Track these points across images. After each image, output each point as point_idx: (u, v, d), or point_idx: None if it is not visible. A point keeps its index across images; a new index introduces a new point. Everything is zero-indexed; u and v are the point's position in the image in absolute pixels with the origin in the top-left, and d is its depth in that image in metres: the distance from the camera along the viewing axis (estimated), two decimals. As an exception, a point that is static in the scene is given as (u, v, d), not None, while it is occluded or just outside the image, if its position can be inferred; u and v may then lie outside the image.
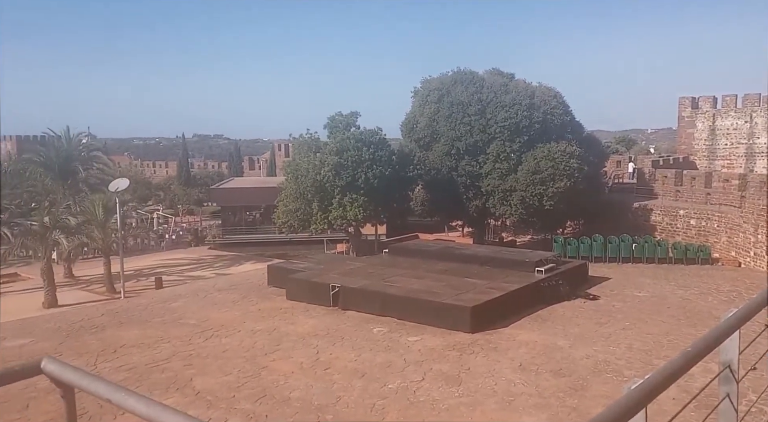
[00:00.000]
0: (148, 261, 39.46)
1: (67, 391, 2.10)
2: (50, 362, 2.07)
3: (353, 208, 27.65)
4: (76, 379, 2.02)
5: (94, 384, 1.97)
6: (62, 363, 2.08)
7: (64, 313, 22.04)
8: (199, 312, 19.49)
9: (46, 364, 2.06)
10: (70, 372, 2.04)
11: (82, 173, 38.74)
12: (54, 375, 2.05)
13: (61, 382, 2.06)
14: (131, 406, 1.84)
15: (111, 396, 1.89)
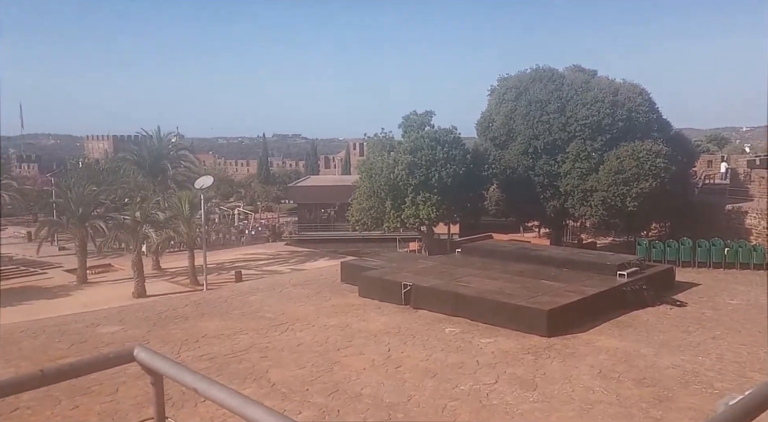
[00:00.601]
0: (229, 256, 41.11)
1: (156, 378, 2.19)
2: (142, 350, 2.17)
3: (426, 207, 27.55)
4: (165, 367, 2.09)
5: (181, 373, 2.04)
6: (153, 352, 2.15)
7: (152, 303, 23.32)
8: (275, 305, 20.04)
9: (138, 352, 2.16)
10: (160, 361, 2.12)
11: (171, 171, 40.90)
12: (145, 363, 2.15)
13: (151, 370, 2.15)
14: (214, 395, 1.89)
15: (197, 385, 1.95)
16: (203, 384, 1.97)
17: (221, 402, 1.88)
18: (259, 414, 1.79)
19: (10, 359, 14.77)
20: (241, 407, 1.83)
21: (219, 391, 1.91)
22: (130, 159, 41.52)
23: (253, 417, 1.80)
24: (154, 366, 2.15)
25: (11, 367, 14.17)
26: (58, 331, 17.39)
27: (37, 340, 16.44)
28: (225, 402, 1.87)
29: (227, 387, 1.93)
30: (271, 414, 1.78)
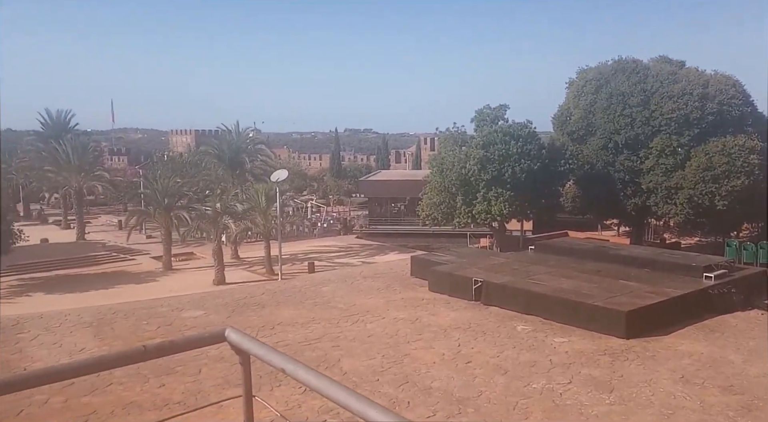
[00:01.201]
0: (302, 247, 42.17)
1: (245, 358, 2.32)
2: (232, 332, 2.30)
3: (498, 203, 27.11)
4: (254, 348, 2.20)
5: (269, 354, 2.14)
6: (242, 334, 2.28)
7: (231, 290, 24.32)
8: (346, 297, 20.41)
9: (229, 333, 2.29)
10: (249, 342, 2.24)
11: (249, 164, 42.42)
12: (235, 344, 2.28)
13: (240, 350, 2.28)
14: (301, 376, 1.97)
15: (284, 366, 2.04)
16: (291, 365, 2.06)
17: (307, 383, 1.96)
18: (343, 395, 1.85)
19: (104, 338, 15.89)
20: (326, 388, 1.91)
21: (305, 372, 1.99)
22: (211, 152, 43.40)
23: (337, 398, 1.87)
24: (243, 347, 2.27)
25: (105, 346, 15.25)
26: (147, 314, 18.51)
27: (128, 322, 17.58)
28: (310, 382, 1.95)
29: (313, 369, 2.01)
30: (352, 396, 1.83)
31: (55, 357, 14.28)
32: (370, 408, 1.73)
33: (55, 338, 15.92)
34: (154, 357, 2.28)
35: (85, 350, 14.81)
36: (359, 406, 1.77)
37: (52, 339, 15.78)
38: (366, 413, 1.73)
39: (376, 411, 1.71)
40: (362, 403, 1.76)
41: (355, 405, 1.79)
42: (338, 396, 1.85)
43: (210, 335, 2.33)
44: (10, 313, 21.37)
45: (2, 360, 13.98)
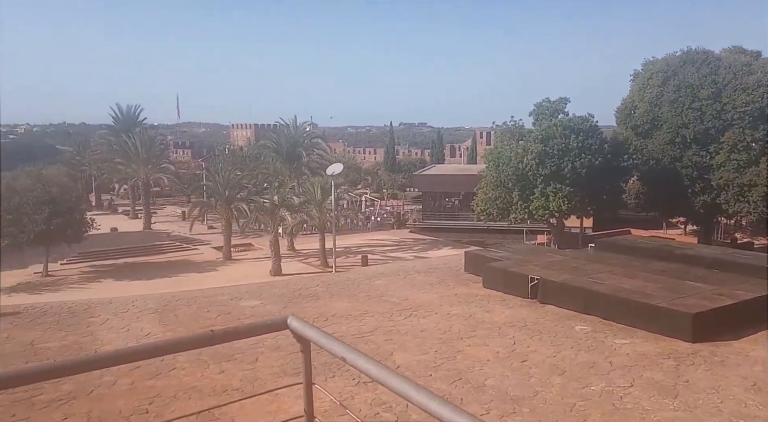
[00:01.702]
0: (356, 240, 42.54)
1: (305, 346, 2.35)
2: (294, 320, 2.34)
3: (557, 199, 26.46)
4: (316, 337, 2.22)
5: (330, 343, 2.15)
6: (304, 322, 2.30)
7: (287, 281, 24.84)
8: (399, 291, 20.44)
9: (291, 321, 2.33)
10: (310, 331, 2.26)
11: (305, 158, 43.10)
12: (297, 332, 2.31)
13: (302, 338, 2.31)
14: (362, 366, 1.97)
15: (345, 355, 2.05)
16: (351, 354, 2.07)
17: (367, 372, 1.96)
18: (404, 386, 1.85)
19: (168, 324, 16.55)
20: (386, 378, 1.92)
21: (366, 362, 2.00)
22: (270, 146, 44.35)
23: (398, 389, 1.87)
24: (305, 335, 2.29)
25: (169, 331, 15.88)
26: (207, 302, 19.16)
27: (189, 309, 18.24)
28: (371, 372, 1.96)
29: (373, 359, 2.00)
30: (413, 387, 1.83)
31: (123, 340, 14.99)
32: (430, 400, 1.73)
33: (123, 323, 16.71)
34: (221, 342, 2.35)
35: (150, 335, 15.46)
36: (420, 398, 1.77)
37: (120, 324, 16.58)
38: (427, 405, 1.74)
39: (436, 403, 1.70)
40: (422, 395, 1.76)
41: (416, 397, 1.80)
42: (399, 386, 1.86)
43: (273, 322, 2.38)
44: (82, 298, 22.61)
45: (75, 342, 14.80)
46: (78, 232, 31.70)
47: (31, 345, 14.47)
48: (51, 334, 15.49)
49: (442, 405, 1.70)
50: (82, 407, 9.99)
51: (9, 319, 17.33)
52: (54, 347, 14.39)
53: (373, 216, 52.35)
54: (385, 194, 65.61)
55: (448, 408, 1.68)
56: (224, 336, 2.33)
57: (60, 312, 18.05)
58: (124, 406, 10.13)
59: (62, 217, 30.16)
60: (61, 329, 16.02)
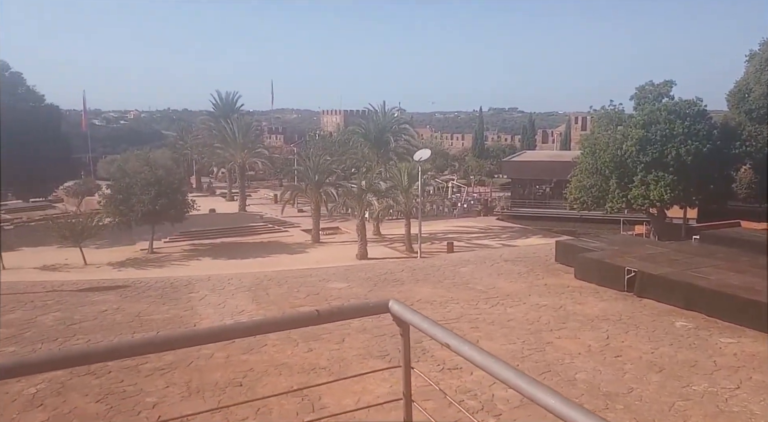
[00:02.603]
0: (441, 227, 42.31)
1: (405, 330, 2.33)
2: (395, 304, 2.33)
3: (658, 188, 24.89)
4: (417, 321, 2.19)
5: (432, 328, 2.11)
6: (405, 307, 2.27)
7: (373, 265, 25.16)
8: (485, 279, 20.13)
9: (392, 305, 2.32)
10: (411, 315, 2.23)
11: (393, 143, 43.26)
12: (398, 315, 2.30)
13: (402, 322, 2.29)
14: (467, 353, 1.91)
15: (448, 341, 2.00)
16: (454, 340, 2.02)
17: (472, 360, 1.91)
18: (511, 375, 1.79)
19: (260, 302, 17.29)
20: (492, 366, 1.88)
21: (470, 349, 1.94)
22: (359, 132, 44.92)
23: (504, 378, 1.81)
24: (406, 319, 2.27)
25: (261, 309, 16.58)
26: (297, 283, 19.82)
27: (281, 289, 18.95)
28: (475, 360, 1.90)
29: (477, 346, 1.92)
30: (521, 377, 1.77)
31: (219, 316, 15.84)
32: (538, 390, 1.65)
33: (220, 299, 17.65)
34: (325, 322, 2.39)
35: (244, 312, 16.22)
36: (529, 388, 1.71)
37: (217, 300, 17.52)
38: (534, 395, 1.67)
39: (544, 394, 1.62)
40: (532, 385, 1.70)
41: (525, 387, 1.73)
42: (506, 375, 1.80)
43: (375, 305, 2.40)
44: (183, 274, 24.12)
45: (177, 316, 15.81)
46: (180, 212, 33.76)
47: (138, 317, 15.63)
48: (155, 307, 16.65)
49: (551, 395, 1.60)
50: (182, 377, 10.65)
51: (119, 292, 18.82)
52: (158, 319, 15.45)
53: (460, 202, 51.82)
54: (473, 180, 64.67)
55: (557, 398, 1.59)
56: (329, 316, 2.37)
57: (164, 287, 19.36)
58: (220, 378, 10.69)
59: (167, 198, 32.22)
60: (165, 303, 17.17)
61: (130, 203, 31.69)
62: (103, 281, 21.30)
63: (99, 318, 15.43)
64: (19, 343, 13.33)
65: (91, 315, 15.78)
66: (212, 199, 56.99)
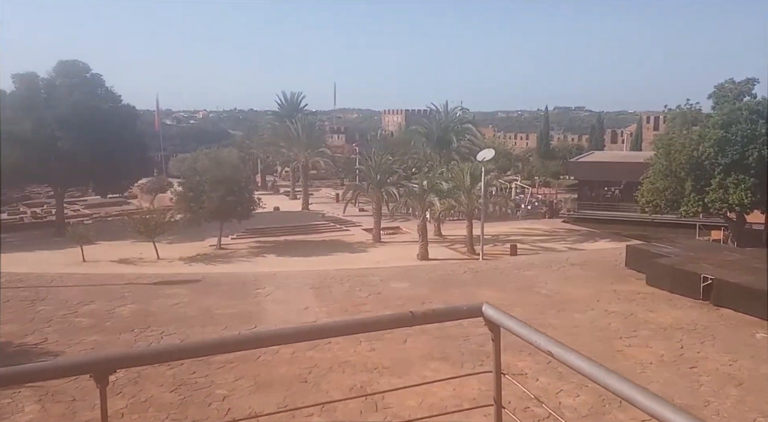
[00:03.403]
0: (504, 228, 41.58)
1: (497, 336, 2.30)
2: (489, 308, 2.29)
3: (738, 191, 23.51)
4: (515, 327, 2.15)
5: (533, 335, 2.06)
6: (501, 311, 2.24)
7: (434, 266, 25.06)
8: (551, 283, 19.63)
9: (486, 309, 2.28)
10: (508, 320, 2.20)
11: (455, 143, 42.87)
12: (491, 319, 2.26)
13: (495, 326, 2.25)
14: (572, 362, 1.84)
15: (551, 348, 1.94)
16: (558, 348, 1.95)
17: (579, 370, 1.84)
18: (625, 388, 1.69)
19: (323, 299, 17.57)
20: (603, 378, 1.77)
21: (577, 358, 1.86)
22: (420, 131, 44.77)
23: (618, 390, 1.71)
24: (500, 324, 2.24)
25: (324, 306, 16.84)
26: (359, 282, 20.00)
27: (343, 287, 19.18)
28: (583, 369, 1.82)
29: (582, 354, 1.85)
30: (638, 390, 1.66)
31: (284, 312, 16.20)
32: (660, 406, 1.52)
33: (285, 296, 18.05)
34: (419, 324, 2.39)
35: (309, 309, 16.52)
36: (649, 403, 1.56)
37: (282, 297, 17.93)
38: (655, 411, 1.53)
39: (669, 411, 1.50)
40: (652, 400, 1.54)
41: (642, 401, 1.59)
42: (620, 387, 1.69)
43: (468, 308, 2.37)
44: (249, 271, 24.84)
45: (245, 311, 16.29)
46: (247, 210, 34.75)
47: (207, 310, 16.21)
48: (224, 302, 17.23)
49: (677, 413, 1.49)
50: (250, 370, 10.97)
51: (190, 286, 19.60)
52: (226, 314, 15.97)
53: (524, 204, 50.75)
54: (537, 181, 63.19)
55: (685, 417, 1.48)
56: (423, 318, 2.37)
57: (231, 283, 20.01)
58: (286, 373, 10.93)
59: (234, 196, 33.25)
60: (232, 298, 17.74)
61: (200, 200, 32.91)
62: (175, 275, 22.26)
63: (172, 311, 16.12)
64: (100, 333, 14.12)
65: (164, 307, 16.51)
66: (276, 197, 58.34)
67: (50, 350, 12.96)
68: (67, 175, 40.44)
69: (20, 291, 18.61)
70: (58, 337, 13.79)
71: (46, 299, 17.52)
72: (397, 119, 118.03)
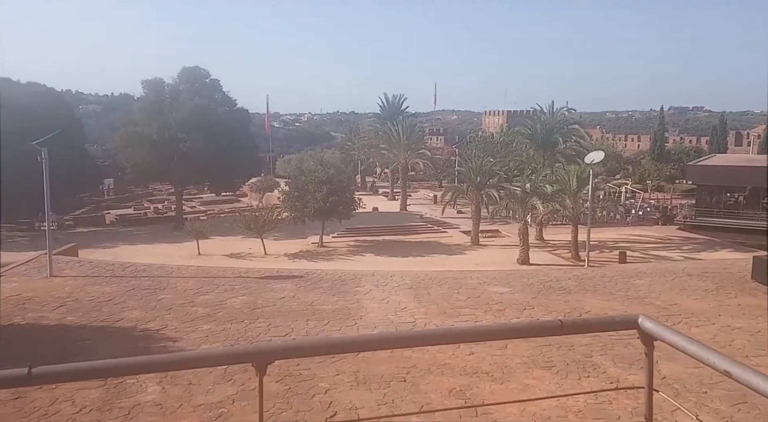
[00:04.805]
0: (612, 234, 39.54)
1: (651, 349, 2.18)
2: (646, 320, 2.19)
3: None
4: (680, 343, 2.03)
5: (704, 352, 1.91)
6: (659, 324, 2.12)
7: (535, 271, 24.30)
8: (665, 294, 18.35)
9: (642, 321, 2.18)
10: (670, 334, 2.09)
11: (561, 145, 41.40)
12: (648, 332, 2.16)
13: (650, 339, 2.13)
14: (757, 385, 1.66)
15: (730, 368, 1.78)
16: (738, 369, 1.75)
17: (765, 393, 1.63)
18: None
19: (421, 300, 17.57)
20: None
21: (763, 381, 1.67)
22: (524, 133, 43.72)
23: None
24: (657, 337, 2.11)
25: (422, 307, 16.84)
26: (457, 284, 19.80)
27: (441, 289, 19.08)
28: None
29: None
30: None
31: (383, 311, 16.39)
32: None
33: (383, 295, 18.26)
34: (568, 333, 2.31)
35: (407, 309, 16.59)
36: None
37: (381, 296, 18.15)
38: None
39: None
40: None
41: None
42: None
43: (622, 319, 2.27)
44: (349, 268, 25.45)
45: (345, 307, 16.67)
46: (348, 210, 35.74)
47: (311, 305, 16.77)
48: (326, 298, 17.73)
49: None
50: (351, 366, 11.19)
51: (294, 281, 20.37)
52: (328, 309, 16.43)
53: (634, 209, 48.04)
54: (649, 186, 59.55)
55: None
56: (572, 328, 2.30)
57: (333, 280, 20.56)
58: (385, 371, 11.03)
59: (336, 196, 34.30)
60: (334, 294, 18.21)
61: (305, 199, 34.23)
62: (280, 270, 23.25)
63: (278, 305, 16.84)
64: (213, 322, 15.04)
65: (271, 301, 17.28)
66: (375, 198, 59.37)
67: (170, 336, 13.97)
68: (186, 174, 43.69)
69: (144, 280, 20.27)
70: (176, 325, 14.85)
71: (167, 288, 18.94)
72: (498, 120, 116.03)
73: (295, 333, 14.33)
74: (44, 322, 15.15)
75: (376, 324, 15.19)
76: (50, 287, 18.85)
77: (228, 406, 9.68)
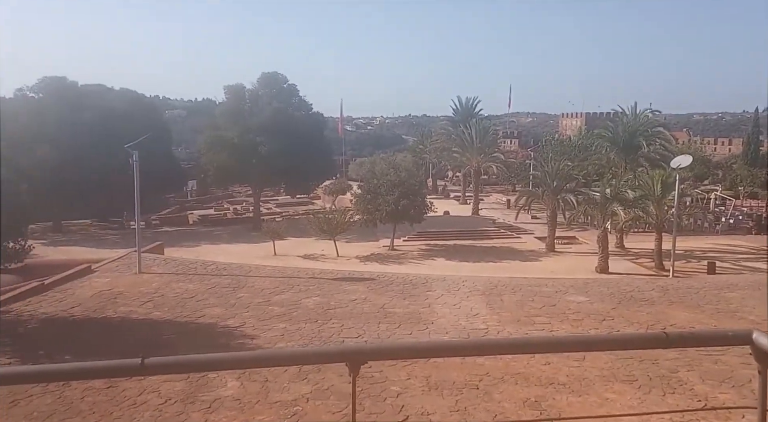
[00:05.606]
0: (700, 243, 37.25)
1: (765, 366, 2.02)
2: (761, 336, 2.03)
3: None
4: None
5: None
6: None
7: (616, 281, 23.28)
8: (759, 308, 17.08)
9: (757, 337, 2.03)
10: None
11: (645, 148, 39.47)
12: (765, 349, 2.00)
13: (766, 356, 1.98)
14: None
15: None
16: None
17: None
18: None
19: (494, 307, 17.26)
20: None
21: None
22: (604, 135, 42.00)
23: None
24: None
25: (495, 314, 16.54)
26: (531, 292, 19.31)
27: (514, 296, 18.67)
28: None
29: None
30: None
31: (454, 316, 16.24)
32: None
33: (455, 300, 18.09)
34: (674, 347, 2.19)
35: (479, 315, 16.36)
36: None
37: (452, 301, 17.99)
38: None
39: None
40: None
41: None
42: None
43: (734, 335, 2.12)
44: (420, 272, 25.37)
45: (416, 311, 16.64)
46: (420, 213, 35.60)
47: (382, 308, 16.87)
48: (397, 301, 17.78)
49: None
50: (422, 371, 11.14)
51: (366, 284, 20.55)
52: (399, 313, 16.46)
53: (725, 217, 45.04)
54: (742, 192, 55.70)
55: None
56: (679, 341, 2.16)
57: (404, 283, 20.59)
58: (457, 378, 10.90)
59: (408, 199, 34.26)
60: (405, 298, 18.23)
61: (377, 202, 34.46)
62: (353, 273, 23.54)
63: (350, 306, 17.06)
64: (288, 321, 15.44)
65: (344, 302, 17.53)
66: (446, 202, 58.91)
67: (248, 333, 14.47)
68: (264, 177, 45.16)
69: (224, 278, 21.10)
70: (254, 322, 15.36)
71: (245, 287, 19.64)
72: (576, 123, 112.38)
73: (366, 336, 14.44)
74: (134, 316, 16.10)
75: (447, 329, 15.06)
76: (139, 283, 20.02)
77: (302, 404, 9.88)
